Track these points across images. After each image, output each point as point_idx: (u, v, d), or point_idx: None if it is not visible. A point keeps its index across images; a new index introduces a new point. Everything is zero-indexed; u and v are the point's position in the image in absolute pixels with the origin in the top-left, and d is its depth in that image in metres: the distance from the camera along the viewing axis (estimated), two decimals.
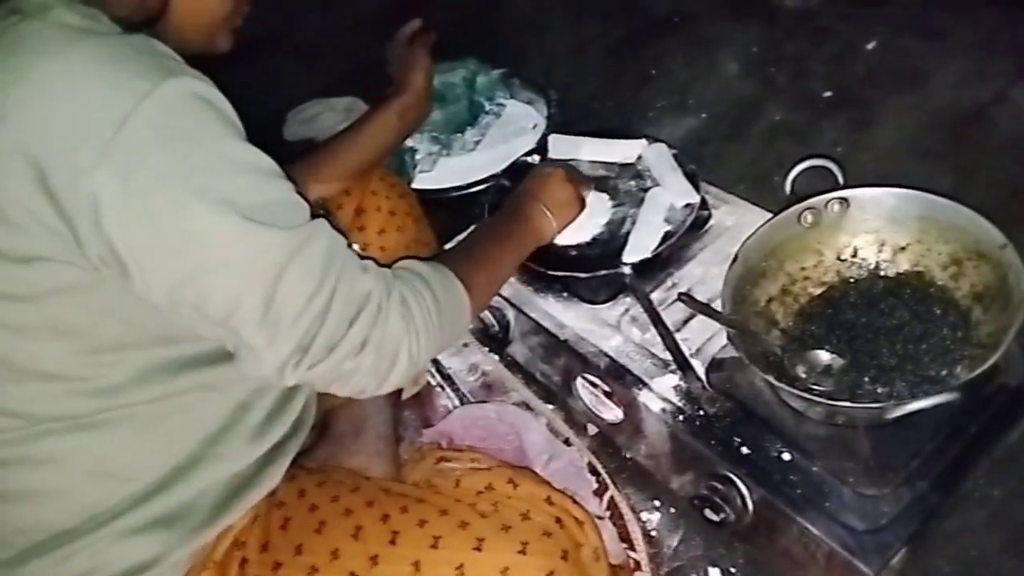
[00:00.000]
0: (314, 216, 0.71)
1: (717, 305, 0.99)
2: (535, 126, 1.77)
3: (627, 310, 1.15)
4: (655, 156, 1.28)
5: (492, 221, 1.05)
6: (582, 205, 1.11)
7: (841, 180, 1.05)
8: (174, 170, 0.62)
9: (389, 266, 0.80)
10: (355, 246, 1.16)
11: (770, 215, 1.20)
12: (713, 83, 1.91)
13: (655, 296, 1.14)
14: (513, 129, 1.78)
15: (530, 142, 1.69)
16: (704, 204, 1.24)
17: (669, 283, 1.17)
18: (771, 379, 0.87)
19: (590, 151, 1.33)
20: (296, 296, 0.67)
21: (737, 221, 1.25)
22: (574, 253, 1.16)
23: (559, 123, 1.72)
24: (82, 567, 0.72)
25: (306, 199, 0.71)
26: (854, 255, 1.04)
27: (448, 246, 1.18)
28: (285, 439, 0.84)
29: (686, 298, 1.00)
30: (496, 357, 1.31)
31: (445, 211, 1.61)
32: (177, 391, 0.73)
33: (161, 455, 0.74)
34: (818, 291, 1.04)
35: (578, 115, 1.86)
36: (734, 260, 0.99)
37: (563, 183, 1.08)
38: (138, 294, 0.66)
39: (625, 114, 1.88)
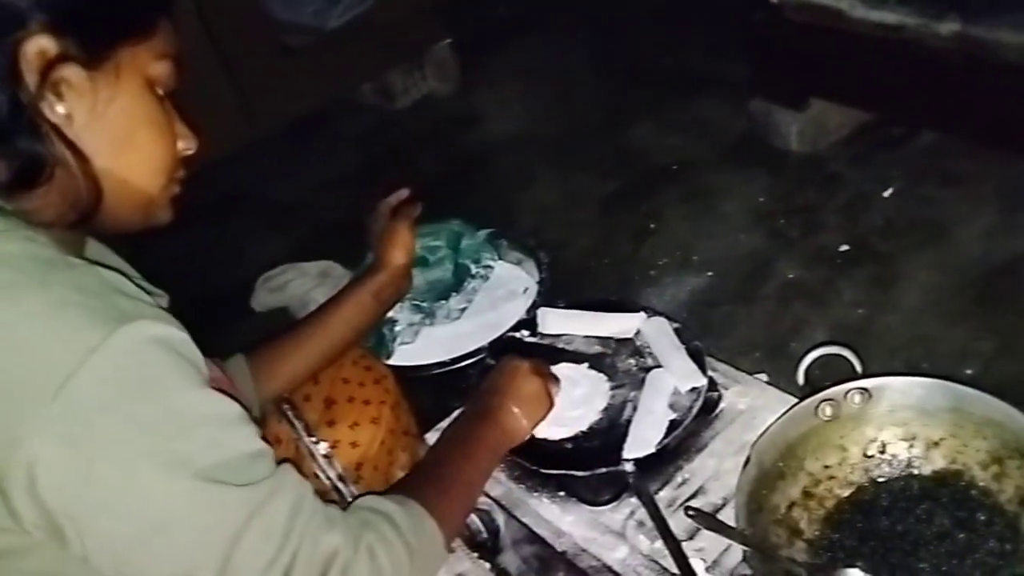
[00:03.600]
0: (277, 460, 0.72)
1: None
2: (526, 290, 1.79)
3: (633, 512, 1.13)
4: (655, 332, 1.29)
5: (459, 429, 1.06)
6: (551, 400, 1.13)
7: (859, 368, 1.05)
8: (122, 433, 0.63)
9: (348, 504, 0.81)
10: (322, 445, 1.17)
11: (785, 395, 1.21)
12: (718, 238, 1.96)
13: (663, 495, 1.12)
14: (502, 293, 1.80)
15: (520, 308, 1.71)
16: (712, 385, 1.23)
17: (679, 479, 1.15)
18: None
19: (584, 326, 1.34)
20: (253, 563, 0.68)
21: (751, 404, 1.24)
22: (570, 446, 1.15)
23: (550, 287, 1.74)
24: None
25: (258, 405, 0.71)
26: (882, 451, 1.03)
27: (426, 439, 1.17)
28: None
29: (694, 513, 0.99)
30: (487, 565, 1.27)
31: (429, 388, 1.61)
32: None
33: None
34: (846, 493, 1.02)
35: (572, 275, 1.90)
36: (746, 462, 0.97)
37: (529, 377, 1.10)
38: (78, 560, 0.65)
39: (623, 273, 1.93)
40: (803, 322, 1.65)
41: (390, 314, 1.70)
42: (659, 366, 1.23)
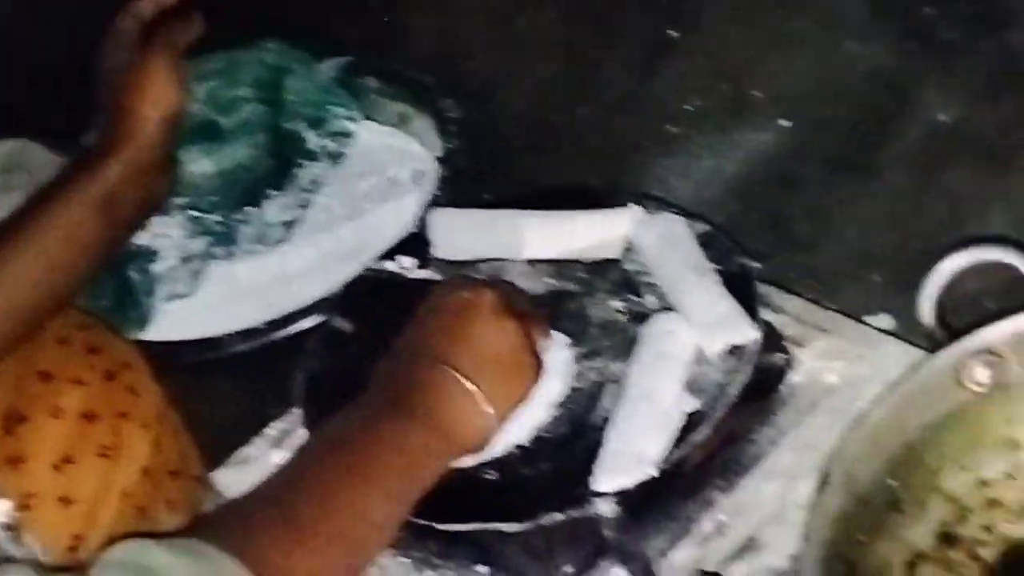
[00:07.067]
0: None
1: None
2: (418, 175, 1.81)
3: None
4: (663, 243, 1.31)
5: (349, 421, 1.08)
6: (539, 365, 1.15)
7: None
8: None
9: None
10: (1, 504, 1.20)
11: (913, 349, 1.24)
12: (803, 51, 1.97)
13: (678, 557, 1.17)
14: (370, 188, 1.82)
15: (406, 213, 1.73)
16: (774, 341, 1.26)
17: (707, 526, 1.20)
18: None
19: (526, 240, 1.36)
20: None
21: (850, 373, 1.28)
22: (495, 477, 1.18)
23: (464, 168, 1.75)
24: None
25: None
26: None
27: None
28: None
29: None
30: None
31: (227, 382, 1.63)
32: None
33: None
34: (1020, 532, 1.06)
35: (505, 145, 1.91)
36: (824, 481, 1.00)
37: (497, 319, 1.12)
38: None
39: (612, 133, 1.93)
40: (967, 207, 1.66)
41: (143, 240, 1.72)
42: (669, 308, 1.26)
